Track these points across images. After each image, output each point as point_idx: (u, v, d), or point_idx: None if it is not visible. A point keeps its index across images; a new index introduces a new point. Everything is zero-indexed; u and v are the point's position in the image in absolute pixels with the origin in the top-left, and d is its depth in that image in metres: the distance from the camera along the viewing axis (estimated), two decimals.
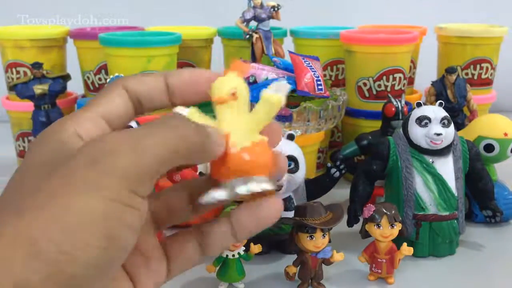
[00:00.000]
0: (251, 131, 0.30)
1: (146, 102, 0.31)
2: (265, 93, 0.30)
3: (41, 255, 0.23)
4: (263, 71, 0.82)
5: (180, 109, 0.29)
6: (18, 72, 0.98)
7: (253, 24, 0.90)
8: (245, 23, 0.89)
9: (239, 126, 0.30)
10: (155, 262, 0.31)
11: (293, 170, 0.68)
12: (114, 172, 0.25)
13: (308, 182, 0.73)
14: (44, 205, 0.24)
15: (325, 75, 0.94)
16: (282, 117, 0.77)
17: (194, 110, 0.30)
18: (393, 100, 0.83)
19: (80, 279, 0.24)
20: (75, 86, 1.06)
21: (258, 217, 0.30)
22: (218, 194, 0.29)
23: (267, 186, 0.29)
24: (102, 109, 0.30)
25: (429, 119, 0.68)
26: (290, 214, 0.66)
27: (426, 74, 1.10)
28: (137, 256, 0.30)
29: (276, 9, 0.89)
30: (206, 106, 0.31)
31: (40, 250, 0.23)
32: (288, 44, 1.03)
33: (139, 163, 0.25)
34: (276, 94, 0.30)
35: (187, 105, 0.31)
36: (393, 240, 0.64)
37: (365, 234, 0.65)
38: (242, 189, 0.29)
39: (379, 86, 0.93)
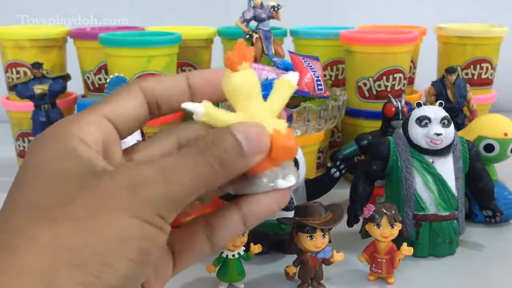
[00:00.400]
0: (275, 118, 0.30)
1: (165, 103, 0.32)
2: (285, 78, 0.31)
3: (84, 265, 0.24)
4: (263, 71, 0.82)
5: (188, 105, 0.29)
6: (18, 72, 0.98)
7: (253, 24, 0.90)
8: (245, 23, 0.89)
9: (265, 114, 0.30)
10: (162, 262, 0.32)
11: None
12: (149, 199, 0.26)
13: (308, 182, 0.73)
14: (83, 218, 0.25)
15: (325, 75, 0.94)
16: None
17: (208, 104, 0.29)
18: (393, 100, 0.83)
19: None
20: (75, 86, 1.06)
21: (272, 206, 0.31)
22: (280, 183, 0.30)
23: (295, 177, 0.30)
24: (108, 110, 0.30)
25: (429, 119, 0.68)
26: (290, 214, 0.66)
27: (426, 74, 1.10)
28: None
29: (276, 9, 0.89)
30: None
31: (83, 261, 0.24)
32: (288, 44, 1.03)
33: (168, 193, 0.27)
34: (294, 80, 0.31)
35: None
36: (393, 240, 0.64)
37: (365, 234, 0.65)
38: (284, 183, 0.30)
39: (379, 86, 0.93)
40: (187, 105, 0.29)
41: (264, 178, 0.30)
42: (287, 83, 0.31)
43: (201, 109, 0.29)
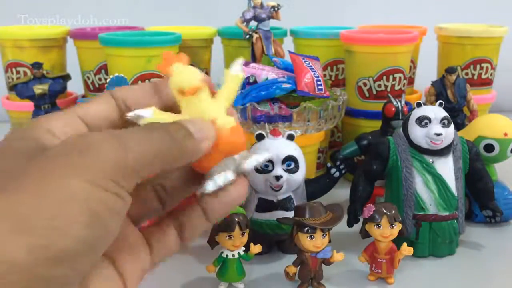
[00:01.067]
0: (222, 113, 0.31)
1: (134, 106, 0.32)
2: (231, 72, 0.32)
3: (31, 230, 0.24)
4: (263, 71, 0.82)
5: (139, 111, 0.30)
6: (18, 72, 0.98)
7: (253, 24, 0.90)
8: (245, 23, 0.89)
9: (211, 109, 0.31)
10: (139, 250, 0.33)
11: (293, 170, 0.68)
12: (97, 161, 0.26)
13: (308, 182, 0.73)
14: (29, 186, 0.25)
15: (325, 75, 0.94)
16: (282, 117, 0.77)
17: (155, 108, 0.31)
18: (393, 100, 0.83)
19: (70, 253, 0.25)
20: (75, 86, 1.06)
21: (228, 201, 0.32)
22: (226, 176, 0.31)
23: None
24: (81, 111, 0.32)
25: (429, 119, 0.68)
26: (290, 214, 0.66)
27: (426, 74, 1.10)
28: (121, 243, 0.31)
29: (276, 9, 0.89)
30: None
31: (30, 225, 0.24)
32: (288, 44, 1.03)
33: (122, 157, 0.27)
34: (239, 70, 0.32)
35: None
36: (393, 240, 0.64)
37: (365, 234, 0.65)
38: (251, 163, 0.31)
39: (379, 86, 0.93)
40: (135, 112, 0.30)
41: (215, 173, 0.31)
42: (233, 76, 0.32)
43: (149, 113, 0.30)
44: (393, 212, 0.63)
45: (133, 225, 0.34)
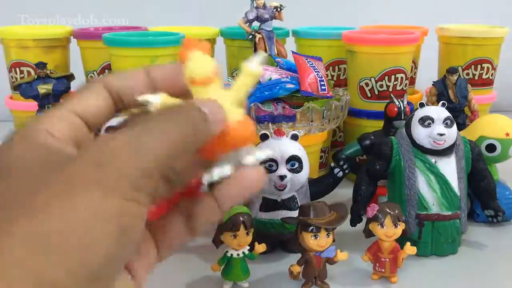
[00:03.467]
0: (233, 105, 0.31)
1: (128, 97, 0.32)
2: (248, 67, 0.31)
3: (65, 250, 0.24)
4: (266, 72, 0.82)
5: (148, 97, 0.30)
6: (22, 72, 0.99)
7: (256, 24, 0.90)
8: (247, 23, 0.90)
9: (225, 101, 0.31)
10: (145, 245, 0.32)
11: (297, 170, 0.68)
12: (119, 173, 0.26)
13: (311, 182, 0.74)
14: (54, 204, 0.25)
15: (327, 75, 0.95)
16: (286, 117, 0.77)
17: (165, 95, 0.30)
18: (395, 100, 0.84)
19: (102, 270, 0.24)
20: (77, 86, 1.07)
21: (243, 187, 0.31)
22: (223, 171, 0.30)
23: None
24: (76, 106, 0.31)
25: (432, 120, 0.69)
26: (294, 213, 0.66)
27: (427, 74, 1.11)
28: None
29: (278, 9, 0.90)
30: None
31: (60, 244, 0.24)
32: (290, 45, 1.04)
33: (141, 164, 0.26)
34: (257, 66, 0.31)
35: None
36: (396, 240, 0.65)
37: (368, 233, 0.66)
38: (250, 159, 0.30)
39: (381, 86, 0.94)
40: (144, 97, 0.30)
41: (215, 165, 0.31)
42: (249, 71, 0.31)
43: (158, 98, 0.30)
44: (396, 211, 0.64)
45: None
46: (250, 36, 0.90)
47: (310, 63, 0.82)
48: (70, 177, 0.26)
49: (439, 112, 0.70)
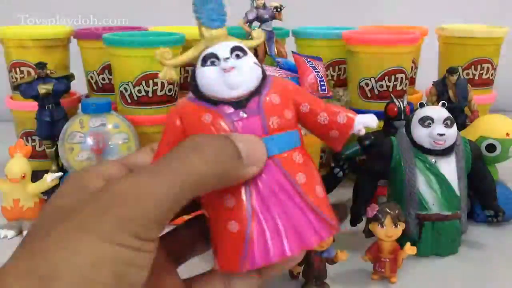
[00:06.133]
0: None
1: None
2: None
3: None
4: (266, 72, 0.82)
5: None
6: (22, 72, 0.99)
7: (256, 24, 0.90)
8: (248, 23, 0.90)
9: None
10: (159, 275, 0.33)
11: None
12: (121, 221, 0.26)
13: None
14: (55, 248, 0.26)
15: (327, 75, 0.95)
16: None
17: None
18: (395, 100, 0.84)
19: None
20: (77, 86, 1.07)
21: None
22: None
23: None
24: (125, 160, 0.33)
25: (432, 120, 0.69)
26: None
27: (427, 74, 1.11)
28: None
29: (278, 9, 0.90)
30: None
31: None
32: (290, 45, 1.04)
33: (142, 212, 0.26)
34: None
35: None
36: (396, 240, 0.65)
37: (368, 233, 0.66)
38: None
39: (381, 86, 0.94)
40: None
41: None
42: None
43: None
44: (396, 212, 0.64)
45: (174, 267, 0.34)
46: (250, 37, 0.90)
47: (310, 63, 0.82)
48: (77, 221, 0.26)
49: (439, 112, 0.70)
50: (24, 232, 0.77)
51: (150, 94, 0.90)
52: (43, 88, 0.89)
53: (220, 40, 0.33)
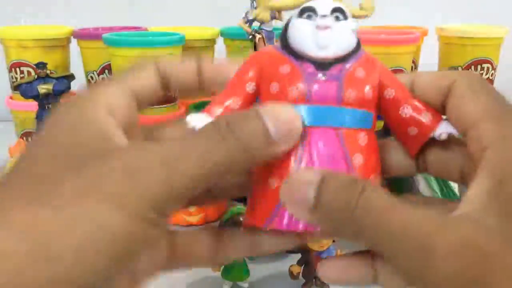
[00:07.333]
0: None
1: (174, 83, 0.32)
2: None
3: (53, 259, 0.22)
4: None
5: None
6: (22, 72, 0.99)
7: (256, 24, 0.90)
8: (248, 23, 0.90)
9: None
10: (158, 248, 0.31)
11: None
12: (143, 190, 0.24)
13: None
14: (67, 204, 0.23)
15: None
16: None
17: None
18: None
19: (92, 285, 0.23)
20: (77, 86, 1.07)
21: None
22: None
23: None
24: (132, 84, 0.30)
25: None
26: None
27: None
28: None
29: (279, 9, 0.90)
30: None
31: (56, 254, 0.22)
32: None
33: (167, 185, 0.24)
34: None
35: (212, 92, 0.31)
36: None
37: None
38: None
39: None
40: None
41: None
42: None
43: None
44: None
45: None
46: (250, 36, 0.90)
47: None
48: (94, 180, 0.24)
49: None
50: None
51: None
52: (43, 88, 0.89)
53: None
